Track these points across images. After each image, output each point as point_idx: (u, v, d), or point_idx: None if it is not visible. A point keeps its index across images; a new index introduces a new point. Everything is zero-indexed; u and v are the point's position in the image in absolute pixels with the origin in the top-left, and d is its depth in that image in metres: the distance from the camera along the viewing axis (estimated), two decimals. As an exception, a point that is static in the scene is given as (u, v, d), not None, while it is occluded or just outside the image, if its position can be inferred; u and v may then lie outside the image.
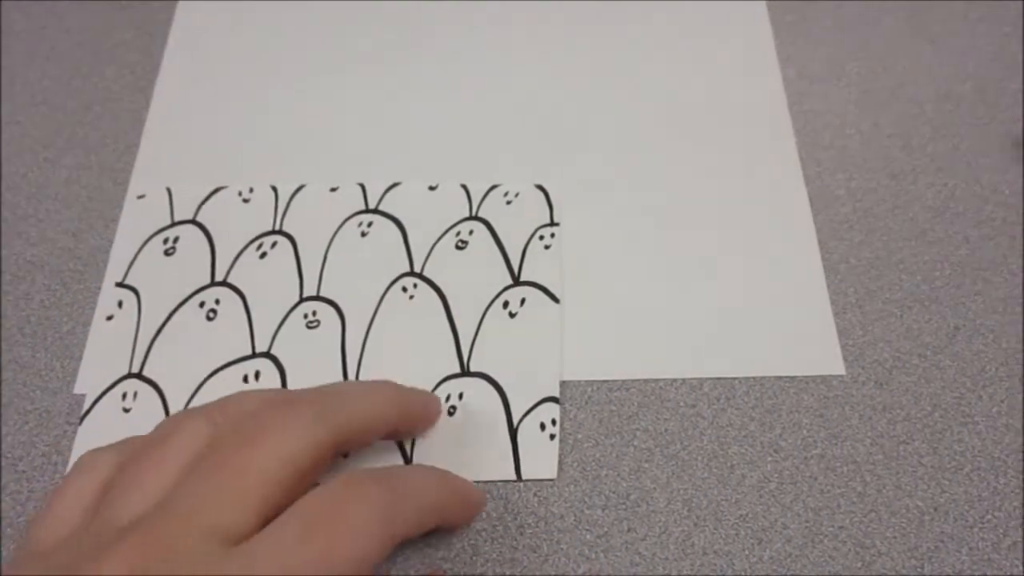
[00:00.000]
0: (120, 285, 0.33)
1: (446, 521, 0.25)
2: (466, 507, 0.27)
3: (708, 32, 0.39)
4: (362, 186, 0.35)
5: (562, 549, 0.28)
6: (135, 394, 0.31)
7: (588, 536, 0.28)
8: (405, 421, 0.27)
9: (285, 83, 0.38)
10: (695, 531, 0.28)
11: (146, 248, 0.34)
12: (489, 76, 0.38)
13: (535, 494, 0.29)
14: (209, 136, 0.37)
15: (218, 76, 0.38)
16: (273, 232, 0.34)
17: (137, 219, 0.34)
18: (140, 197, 0.35)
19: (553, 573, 0.27)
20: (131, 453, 0.23)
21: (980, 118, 0.36)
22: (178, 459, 0.22)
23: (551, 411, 0.30)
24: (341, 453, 0.24)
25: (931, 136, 0.36)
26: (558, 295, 0.32)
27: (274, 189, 0.35)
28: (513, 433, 0.30)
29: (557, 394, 0.30)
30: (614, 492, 0.29)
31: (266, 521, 0.21)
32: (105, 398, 0.31)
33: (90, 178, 0.36)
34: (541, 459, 0.29)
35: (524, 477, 0.29)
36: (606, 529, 0.28)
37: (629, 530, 0.28)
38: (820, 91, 0.37)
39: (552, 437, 0.30)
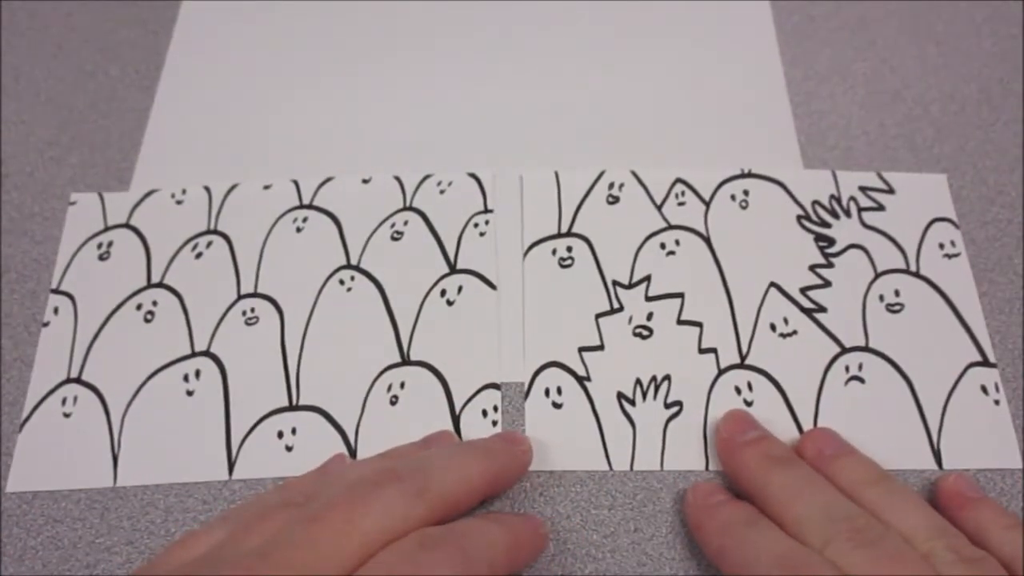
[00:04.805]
0: (55, 292, 0.33)
1: (516, 568, 0.26)
2: (532, 550, 0.27)
3: (711, 33, 0.39)
4: (295, 182, 0.35)
5: (568, 549, 0.28)
6: (75, 399, 0.31)
7: (595, 536, 0.28)
8: (495, 486, 0.27)
9: (289, 81, 0.38)
10: (702, 531, 0.28)
11: (80, 254, 0.34)
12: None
13: (541, 494, 0.29)
14: (212, 134, 0.37)
15: (222, 75, 0.38)
16: (208, 232, 0.34)
17: (70, 225, 0.34)
18: (72, 204, 0.35)
19: (559, 573, 0.28)
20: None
21: (985, 119, 0.36)
22: (290, 513, 0.24)
23: (492, 398, 0.30)
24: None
25: (936, 137, 0.36)
26: (495, 282, 0.32)
27: (207, 189, 0.35)
28: (456, 420, 0.30)
29: (498, 380, 0.31)
30: (620, 492, 0.29)
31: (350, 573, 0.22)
32: (44, 404, 0.31)
33: (95, 176, 0.36)
34: None
35: None
36: (612, 529, 0.28)
37: (636, 530, 0.28)
38: (825, 92, 0.37)
39: (495, 424, 0.30)
